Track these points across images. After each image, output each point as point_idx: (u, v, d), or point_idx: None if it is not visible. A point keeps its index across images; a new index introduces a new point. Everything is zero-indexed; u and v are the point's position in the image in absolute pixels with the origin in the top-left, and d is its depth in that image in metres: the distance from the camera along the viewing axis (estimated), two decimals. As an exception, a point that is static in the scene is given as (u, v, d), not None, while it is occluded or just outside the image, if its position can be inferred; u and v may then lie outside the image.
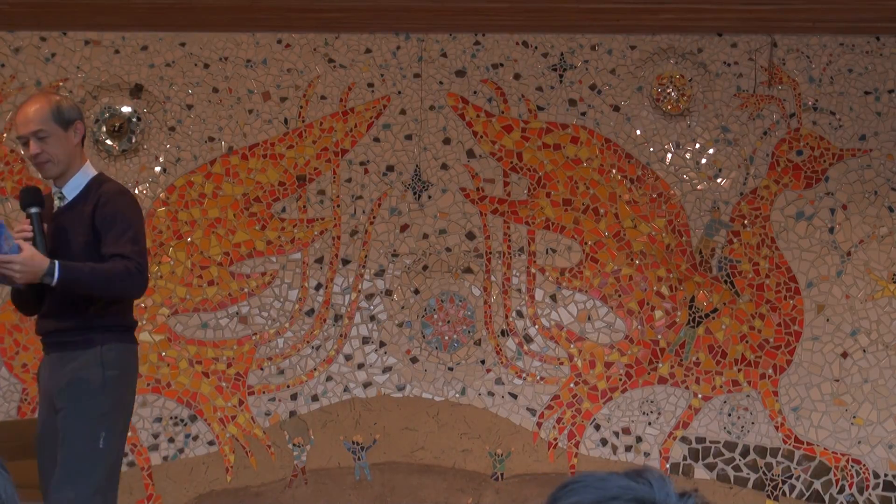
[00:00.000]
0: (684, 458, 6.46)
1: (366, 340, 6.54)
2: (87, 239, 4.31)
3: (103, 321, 4.34)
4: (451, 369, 6.52)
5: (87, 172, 4.43)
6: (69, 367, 4.31)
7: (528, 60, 6.61)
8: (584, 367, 6.50)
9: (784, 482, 6.43)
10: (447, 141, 6.60)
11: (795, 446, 6.45)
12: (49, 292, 4.29)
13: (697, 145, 6.59)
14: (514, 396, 6.50)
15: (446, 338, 6.53)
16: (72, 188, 4.40)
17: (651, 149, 6.58)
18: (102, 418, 4.29)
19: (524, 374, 6.50)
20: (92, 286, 4.23)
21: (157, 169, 6.58)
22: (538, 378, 6.50)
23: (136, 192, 6.48)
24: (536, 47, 6.62)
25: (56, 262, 4.15)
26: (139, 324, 5.09)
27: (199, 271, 6.51)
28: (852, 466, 6.43)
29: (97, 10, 6.23)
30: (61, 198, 4.40)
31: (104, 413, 4.30)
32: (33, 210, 4.28)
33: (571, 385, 6.50)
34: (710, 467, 6.46)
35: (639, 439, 6.48)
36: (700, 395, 6.47)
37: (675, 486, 1.50)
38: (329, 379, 6.52)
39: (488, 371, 6.51)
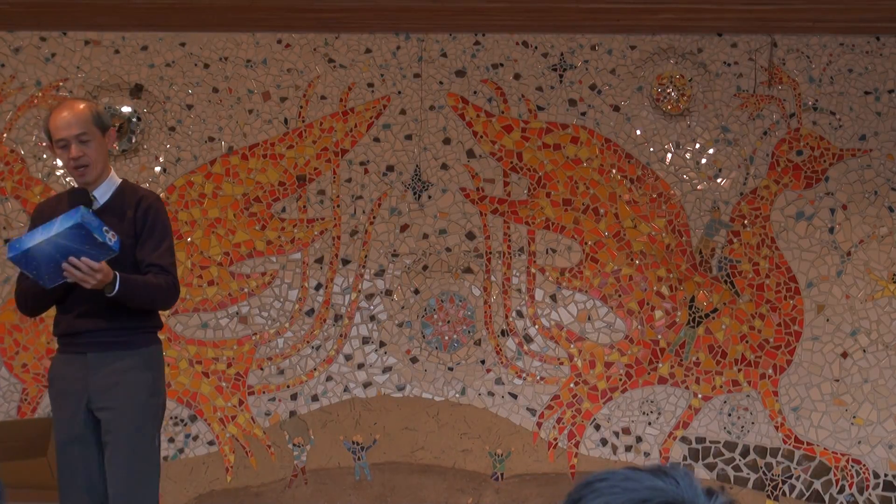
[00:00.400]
0: (684, 458, 6.46)
1: (366, 340, 6.54)
2: (132, 242, 4.36)
3: (147, 322, 4.41)
4: (451, 369, 6.52)
5: (114, 178, 4.49)
6: (114, 368, 4.31)
7: (528, 60, 6.61)
8: (584, 367, 6.50)
9: (784, 482, 6.43)
10: (447, 141, 6.60)
11: (795, 446, 6.44)
12: (79, 292, 4.29)
13: (697, 145, 6.59)
14: (514, 396, 6.50)
15: (446, 338, 6.53)
16: (102, 192, 4.42)
17: (651, 149, 6.58)
18: (154, 419, 4.40)
19: (524, 374, 6.49)
20: (142, 300, 4.32)
21: (157, 169, 6.58)
22: (538, 378, 6.50)
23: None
24: (536, 47, 6.62)
25: (117, 275, 4.22)
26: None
27: (199, 271, 6.51)
28: (852, 466, 6.43)
29: (97, 10, 6.23)
30: (93, 200, 4.41)
31: (154, 414, 4.40)
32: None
33: (571, 385, 6.50)
34: (710, 467, 6.46)
35: (639, 439, 6.48)
36: (700, 395, 6.47)
37: (700, 483, 1.42)
38: (329, 379, 6.52)
39: (488, 371, 6.51)
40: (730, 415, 6.47)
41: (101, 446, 4.34)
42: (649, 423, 6.49)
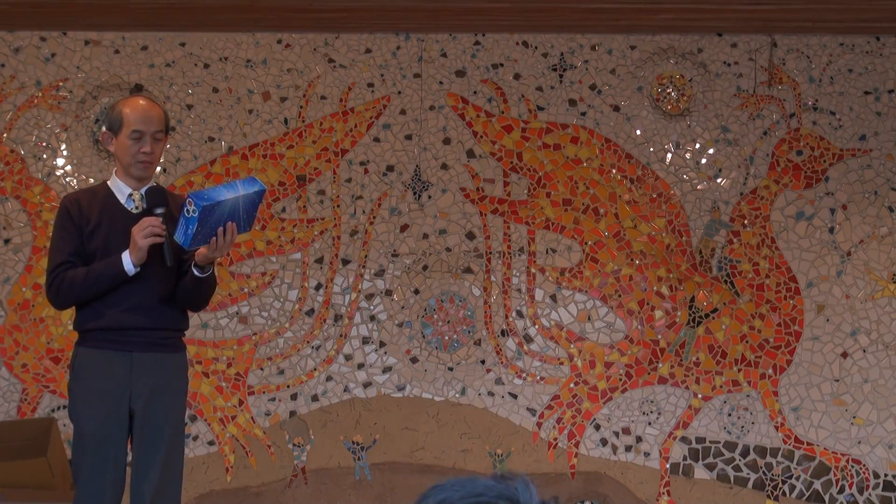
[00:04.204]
0: (684, 458, 6.46)
1: (366, 340, 6.54)
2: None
3: (184, 326, 4.52)
4: (451, 369, 6.52)
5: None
6: (159, 370, 4.35)
7: (528, 60, 6.61)
8: (584, 367, 6.50)
9: (784, 482, 6.43)
10: (447, 141, 6.60)
11: (795, 446, 6.45)
12: (131, 285, 4.31)
13: (697, 145, 6.59)
14: (514, 396, 6.50)
15: (446, 338, 6.53)
16: (145, 193, 4.45)
17: (651, 149, 6.58)
18: (184, 420, 4.52)
19: (524, 374, 6.50)
20: (210, 291, 4.45)
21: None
22: (538, 378, 6.50)
23: (136, 192, 6.48)
24: (536, 47, 6.62)
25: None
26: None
27: (199, 271, 6.51)
28: (852, 466, 6.43)
29: (97, 10, 6.23)
30: (140, 198, 4.42)
31: (185, 414, 4.52)
32: (159, 210, 4.32)
33: (571, 385, 6.50)
34: (710, 467, 6.46)
35: (639, 439, 6.48)
36: (700, 395, 6.47)
37: (538, 494, 1.53)
38: (329, 379, 6.52)
39: (488, 371, 6.51)
40: (730, 415, 6.47)
41: (127, 442, 4.37)
42: (649, 423, 6.49)
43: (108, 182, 4.47)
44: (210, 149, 6.60)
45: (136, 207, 4.40)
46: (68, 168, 6.59)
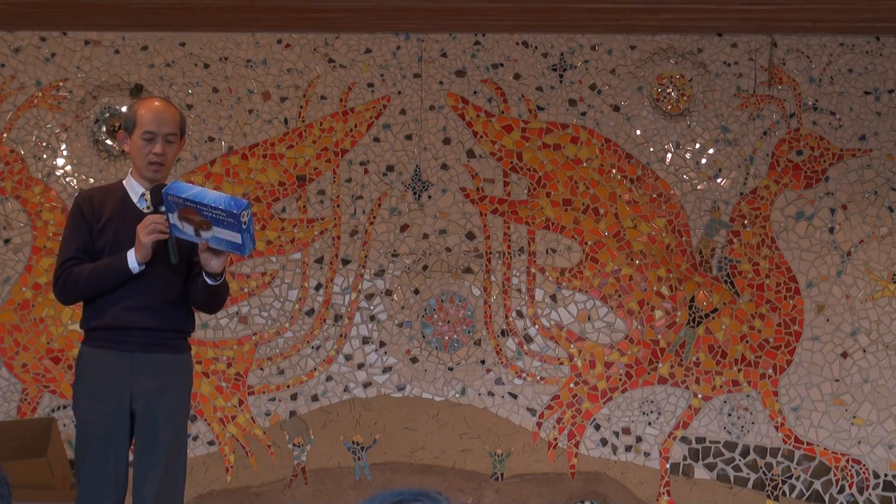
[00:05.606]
0: (684, 458, 6.46)
1: (366, 340, 6.54)
2: (189, 246, 4.39)
3: (189, 327, 4.49)
4: (451, 369, 6.52)
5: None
6: (161, 370, 4.33)
7: (528, 60, 6.62)
8: (584, 367, 6.50)
9: (784, 482, 6.43)
10: (447, 141, 6.60)
11: (795, 446, 6.45)
12: (134, 284, 4.30)
13: (697, 145, 6.59)
14: (514, 396, 6.50)
15: (446, 338, 6.54)
16: (150, 191, 4.44)
17: (651, 149, 6.58)
18: (187, 420, 4.52)
19: (524, 374, 6.50)
20: (223, 299, 4.43)
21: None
22: (538, 378, 6.50)
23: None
24: (536, 47, 6.62)
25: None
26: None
27: (199, 271, 6.51)
28: (852, 466, 6.43)
29: (97, 10, 6.24)
30: (150, 200, 4.41)
31: (188, 415, 4.51)
32: (164, 208, 4.30)
33: (571, 385, 6.50)
34: (710, 467, 6.46)
35: (639, 439, 6.48)
36: (700, 395, 6.48)
37: None
38: (329, 379, 6.52)
39: (488, 371, 6.51)
40: (730, 415, 6.47)
41: (129, 442, 4.36)
42: (649, 423, 6.49)
43: (124, 181, 4.47)
44: (210, 149, 6.60)
45: (149, 207, 4.39)
46: (68, 168, 6.58)
